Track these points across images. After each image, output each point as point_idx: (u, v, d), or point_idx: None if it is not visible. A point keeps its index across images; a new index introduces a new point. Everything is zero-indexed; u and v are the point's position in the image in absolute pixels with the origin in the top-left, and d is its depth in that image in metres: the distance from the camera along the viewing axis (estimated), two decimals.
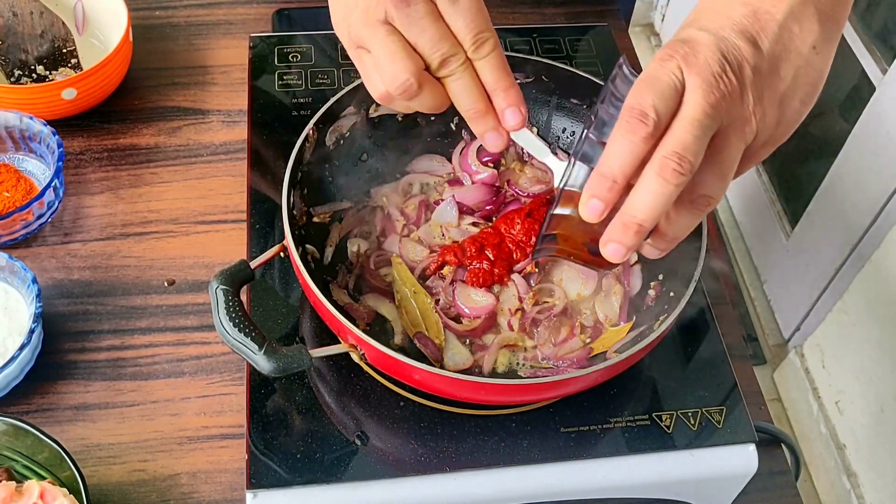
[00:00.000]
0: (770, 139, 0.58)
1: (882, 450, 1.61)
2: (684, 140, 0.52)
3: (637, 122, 0.52)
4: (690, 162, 0.52)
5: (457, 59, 0.61)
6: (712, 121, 0.53)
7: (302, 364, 0.65)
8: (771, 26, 0.57)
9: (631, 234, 0.54)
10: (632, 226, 0.54)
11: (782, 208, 2.04)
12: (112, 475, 0.74)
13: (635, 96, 0.53)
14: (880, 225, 1.61)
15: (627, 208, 0.54)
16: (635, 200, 0.53)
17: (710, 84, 0.53)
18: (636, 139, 0.52)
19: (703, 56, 0.54)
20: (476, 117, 0.63)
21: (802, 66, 0.57)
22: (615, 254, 0.55)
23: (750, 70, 0.55)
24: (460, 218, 0.84)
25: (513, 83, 0.62)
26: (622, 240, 0.54)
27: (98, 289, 0.86)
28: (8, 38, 0.99)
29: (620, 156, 0.53)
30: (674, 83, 0.53)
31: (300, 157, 0.78)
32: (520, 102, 0.62)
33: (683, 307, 0.69)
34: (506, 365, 0.77)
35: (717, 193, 0.56)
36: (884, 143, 1.59)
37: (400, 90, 0.60)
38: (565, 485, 0.73)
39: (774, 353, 2.01)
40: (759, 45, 0.56)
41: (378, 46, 0.60)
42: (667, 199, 0.53)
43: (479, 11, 0.61)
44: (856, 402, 1.70)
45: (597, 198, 0.54)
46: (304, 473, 0.71)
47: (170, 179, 0.95)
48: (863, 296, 1.65)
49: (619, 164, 0.53)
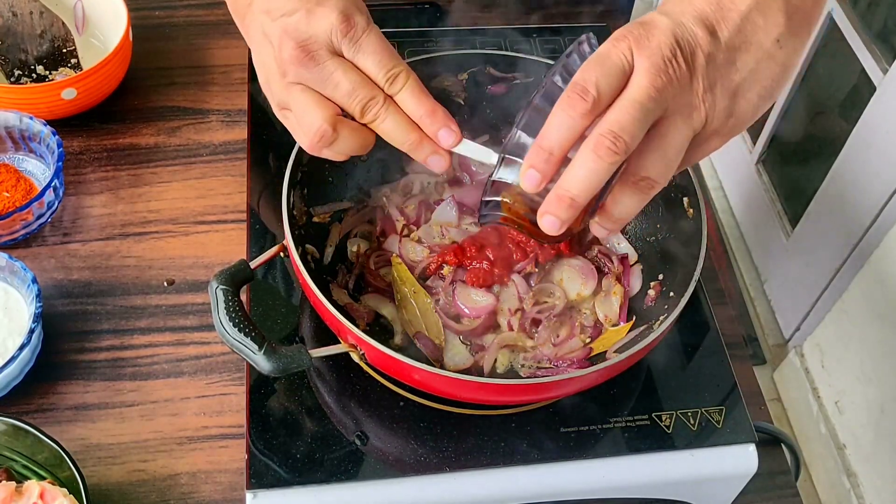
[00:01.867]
0: (721, 129, 0.58)
1: (882, 450, 1.61)
2: (621, 120, 0.53)
3: (577, 97, 0.53)
4: (626, 142, 0.53)
5: (375, 102, 0.62)
6: (656, 104, 0.54)
7: (302, 364, 0.65)
8: (733, 16, 0.57)
9: (564, 208, 0.55)
10: (565, 199, 0.54)
11: (782, 208, 2.04)
12: (112, 475, 0.74)
13: (582, 72, 0.54)
14: (880, 225, 1.61)
15: (562, 182, 0.55)
16: (570, 175, 0.54)
17: (657, 68, 0.53)
18: (574, 114, 0.53)
19: (657, 40, 0.54)
20: (414, 149, 0.64)
21: (763, 60, 0.58)
22: (551, 226, 0.56)
23: (703, 58, 0.55)
24: (460, 218, 0.84)
25: (434, 105, 0.63)
26: (557, 212, 0.55)
27: (98, 289, 0.86)
28: (8, 38, 0.99)
29: (559, 129, 0.54)
30: (622, 63, 0.54)
31: (300, 157, 0.78)
32: (448, 121, 0.63)
33: (683, 307, 0.69)
34: (506, 365, 0.77)
35: (660, 177, 0.56)
36: (884, 143, 1.59)
37: (317, 137, 0.62)
38: (565, 485, 0.73)
39: (774, 353, 2.01)
40: (718, 34, 0.56)
41: (295, 104, 0.62)
42: (600, 175, 0.53)
43: (384, 49, 0.62)
44: (856, 402, 1.69)
45: (534, 168, 0.55)
46: (303, 473, 0.71)
47: (169, 179, 0.95)
48: (863, 296, 1.65)
49: (556, 137, 0.54)
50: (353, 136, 0.63)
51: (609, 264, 0.83)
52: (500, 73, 0.88)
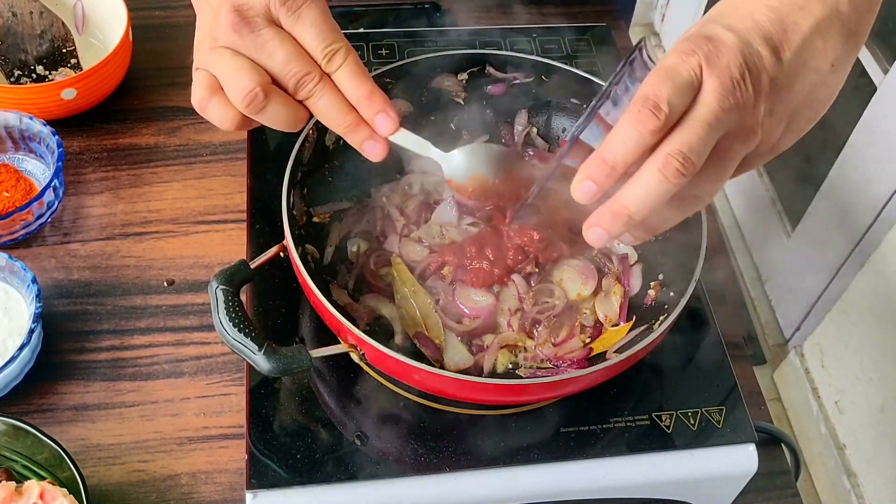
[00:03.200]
0: (770, 150, 0.57)
1: (882, 450, 1.61)
2: (691, 141, 0.51)
3: (649, 113, 0.51)
4: (694, 163, 0.51)
5: (311, 78, 0.60)
6: (722, 126, 0.52)
7: (302, 364, 0.65)
8: (795, 38, 0.55)
9: (619, 224, 0.53)
10: (622, 216, 0.53)
11: (783, 208, 2.04)
12: (112, 475, 0.74)
13: (652, 86, 0.51)
14: (880, 225, 1.61)
15: (621, 198, 0.53)
16: (631, 191, 0.52)
17: (727, 89, 0.52)
18: (645, 130, 0.51)
19: (727, 59, 0.52)
20: (348, 131, 0.62)
21: (818, 84, 0.56)
22: (598, 239, 0.54)
23: (768, 81, 0.54)
24: (460, 218, 0.84)
25: (373, 89, 0.61)
26: (609, 227, 0.53)
27: (98, 289, 0.86)
28: (8, 38, 0.99)
29: (626, 144, 0.52)
30: (692, 80, 0.52)
31: (300, 157, 0.78)
32: (386, 107, 0.61)
33: (683, 307, 0.69)
34: (506, 365, 0.77)
35: (708, 196, 0.55)
36: (884, 143, 1.59)
37: (247, 101, 0.59)
38: (565, 485, 0.73)
39: (774, 353, 2.01)
40: (781, 55, 0.54)
41: (222, 67, 0.60)
42: (663, 196, 0.52)
43: (325, 23, 0.60)
44: (856, 402, 1.69)
45: (592, 181, 0.53)
46: (304, 473, 0.71)
47: (169, 179, 0.95)
48: (863, 296, 1.65)
49: (622, 151, 0.52)
50: (285, 108, 0.60)
51: (609, 264, 0.83)
52: (499, 74, 0.88)
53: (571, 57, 1.06)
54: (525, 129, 0.91)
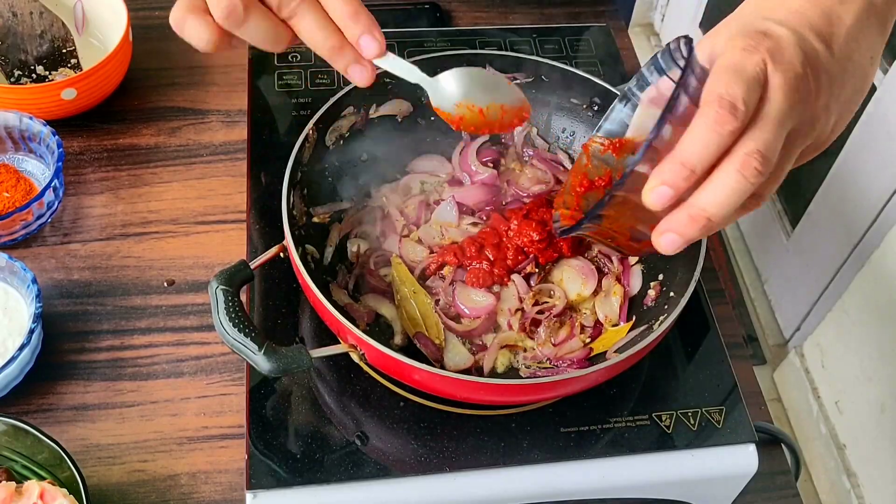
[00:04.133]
0: (822, 143, 0.57)
1: (882, 450, 1.61)
2: (767, 140, 0.50)
3: (727, 114, 0.49)
4: (771, 162, 0.50)
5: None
6: (790, 122, 0.51)
7: (302, 364, 0.65)
8: (841, 32, 0.54)
9: (696, 228, 0.51)
10: (700, 219, 0.51)
11: (782, 208, 2.04)
12: (112, 475, 0.74)
13: (724, 85, 0.50)
14: (880, 225, 1.61)
15: (699, 201, 0.51)
16: (709, 194, 0.50)
17: (791, 85, 0.51)
18: (724, 132, 0.49)
19: (789, 54, 0.52)
20: (333, 54, 0.60)
21: (860, 78, 0.56)
22: (670, 244, 0.52)
23: (825, 75, 0.53)
24: (460, 218, 0.84)
25: (359, 8, 0.59)
26: (684, 231, 0.51)
27: (98, 289, 0.86)
28: (8, 38, 0.99)
29: (706, 147, 0.49)
30: (759, 77, 0.50)
31: (300, 157, 0.78)
32: (372, 27, 0.59)
33: (683, 307, 0.69)
34: (506, 365, 0.77)
35: (768, 194, 0.54)
36: (884, 143, 1.59)
37: (226, 12, 0.57)
38: (565, 485, 0.73)
39: (774, 353, 2.01)
40: (832, 49, 0.54)
41: None
42: (742, 197, 0.50)
43: None
44: (856, 402, 1.69)
45: (668, 185, 0.50)
46: (304, 473, 0.71)
47: (170, 179, 0.95)
48: (863, 296, 1.65)
49: (702, 154, 0.50)
50: (265, 22, 0.59)
51: (609, 264, 0.83)
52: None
53: (571, 57, 1.06)
54: (525, 129, 0.91)
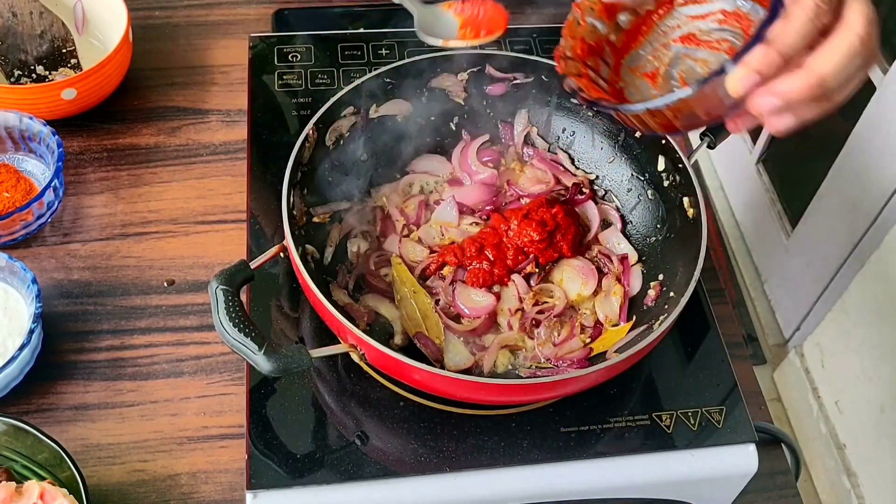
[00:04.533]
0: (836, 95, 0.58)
1: (882, 450, 1.61)
2: None
3: (825, 5, 0.53)
4: None
5: None
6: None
7: (302, 364, 0.65)
8: None
9: (808, 93, 0.54)
10: (814, 87, 0.54)
11: (782, 208, 2.04)
12: (112, 475, 0.74)
13: None
14: (880, 225, 1.61)
15: (815, 66, 0.54)
16: (823, 59, 0.53)
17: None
18: (819, 24, 0.53)
19: None
20: None
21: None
22: (769, 105, 0.55)
23: None
24: (460, 218, 0.84)
25: None
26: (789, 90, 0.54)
27: (98, 289, 0.86)
28: (8, 38, 0.99)
29: (803, 38, 0.53)
30: None
31: (300, 157, 0.78)
32: None
33: (683, 307, 0.69)
34: (506, 365, 0.77)
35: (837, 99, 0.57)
36: (884, 143, 1.59)
37: None
38: (565, 485, 0.73)
39: (774, 353, 2.01)
40: None
41: None
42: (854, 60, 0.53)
43: None
44: (856, 402, 1.69)
45: (760, 73, 0.54)
46: (304, 473, 0.71)
47: (169, 179, 0.95)
48: (863, 296, 1.65)
49: (797, 44, 0.54)
50: None
51: (609, 264, 0.83)
52: (499, 74, 0.88)
53: None
54: (525, 129, 0.91)
